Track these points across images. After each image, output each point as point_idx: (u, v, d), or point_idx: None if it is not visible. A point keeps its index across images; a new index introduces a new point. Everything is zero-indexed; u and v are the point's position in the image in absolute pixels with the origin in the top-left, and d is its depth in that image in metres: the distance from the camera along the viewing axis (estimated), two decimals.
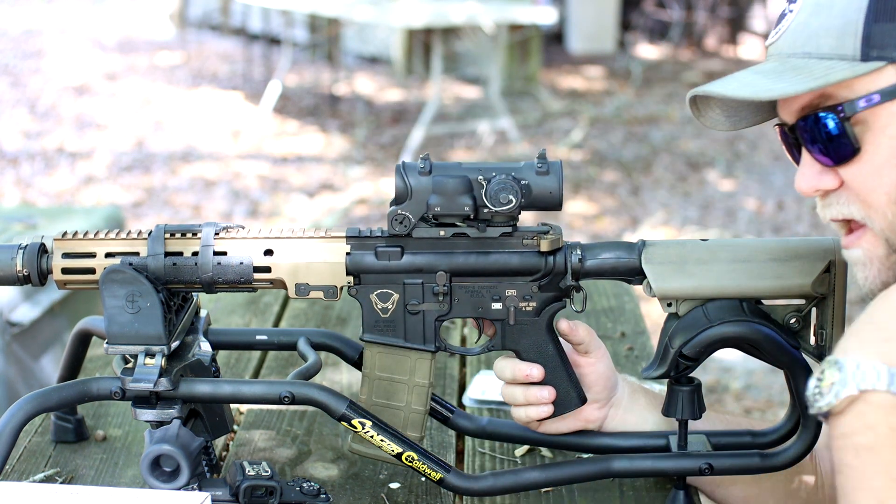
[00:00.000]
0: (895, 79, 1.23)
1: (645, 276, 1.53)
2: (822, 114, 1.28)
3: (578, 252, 1.54)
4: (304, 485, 1.55)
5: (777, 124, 1.39)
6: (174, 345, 1.52)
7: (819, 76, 1.25)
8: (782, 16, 1.34)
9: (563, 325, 1.58)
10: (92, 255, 1.52)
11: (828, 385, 1.17)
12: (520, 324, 1.56)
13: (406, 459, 1.54)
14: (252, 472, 1.51)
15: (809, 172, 1.33)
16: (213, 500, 1.46)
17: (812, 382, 1.19)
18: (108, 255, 1.52)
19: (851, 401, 1.15)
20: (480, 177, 1.49)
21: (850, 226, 1.34)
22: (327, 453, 1.75)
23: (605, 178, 7.31)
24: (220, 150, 7.89)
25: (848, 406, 1.16)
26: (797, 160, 1.37)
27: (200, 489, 1.49)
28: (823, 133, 1.28)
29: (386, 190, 6.93)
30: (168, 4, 13.32)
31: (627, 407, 1.66)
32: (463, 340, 2.24)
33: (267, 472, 1.51)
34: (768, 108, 1.42)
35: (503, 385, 1.62)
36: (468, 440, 1.79)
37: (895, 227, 1.27)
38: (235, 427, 1.83)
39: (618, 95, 9.69)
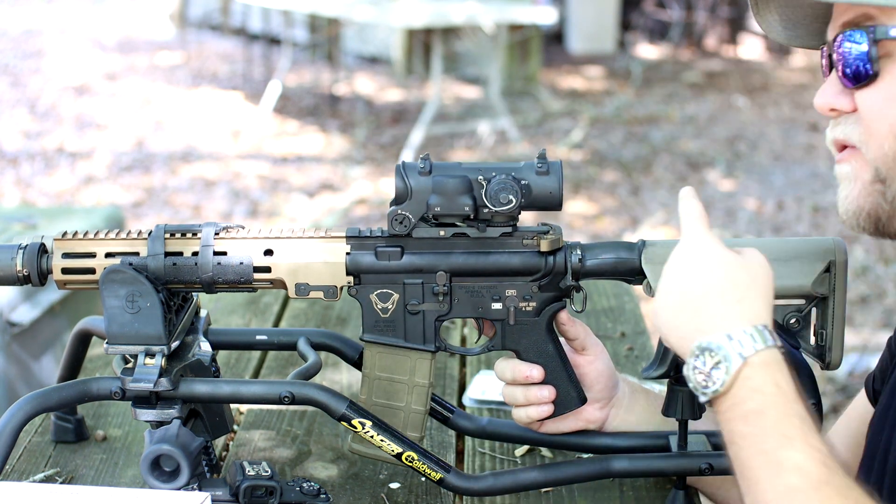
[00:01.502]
0: None
1: (645, 276, 1.53)
2: (856, 31, 1.31)
3: (578, 252, 1.54)
4: (304, 485, 1.55)
5: (822, 45, 1.42)
6: (174, 345, 1.52)
7: None
8: None
9: (562, 315, 1.58)
10: (92, 255, 1.52)
11: (708, 371, 1.23)
12: (520, 324, 1.56)
13: (406, 459, 1.54)
14: (252, 472, 1.51)
15: (830, 90, 1.36)
16: (213, 500, 1.46)
17: (691, 376, 1.25)
18: (108, 255, 1.52)
19: (738, 372, 1.22)
20: (480, 177, 1.49)
21: (847, 146, 1.37)
22: (327, 453, 1.75)
23: (605, 178, 7.31)
24: (220, 150, 7.89)
25: (733, 379, 1.22)
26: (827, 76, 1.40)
27: (200, 489, 1.48)
28: (852, 49, 1.31)
29: (386, 190, 6.93)
30: (168, 4, 13.32)
31: (628, 407, 1.66)
32: (463, 340, 2.24)
33: (267, 472, 1.51)
34: (823, 33, 1.44)
35: (503, 386, 1.62)
36: (468, 440, 1.79)
37: (888, 159, 1.30)
38: (235, 427, 1.83)
39: (618, 95, 9.69)
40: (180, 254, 1.52)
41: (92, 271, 1.52)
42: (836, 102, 1.35)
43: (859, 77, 1.31)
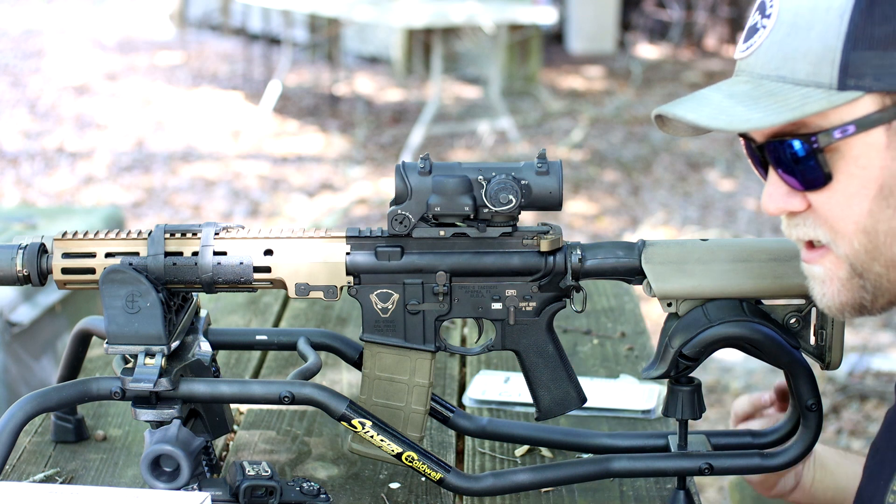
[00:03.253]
0: (871, 109, 1.19)
1: (645, 276, 1.53)
2: (794, 141, 1.24)
3: (578, 252, 1.54)
4: (304, 485, 1.55)
5: (743, 137, 1.34)
6: (174, 345, 1.52)
7: (795, 106, 1.20)
8: (753, 30, 1.29)
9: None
10: (92, 255, 1.52)
11: None
12: (520, 324, 1.56)
13: (406, 459, 1.54)
14: (252, 472, 1.51)
15: (777, 193, 1.29)
16: (213, 500, 1.46)
17: None
18: (108, 255, 1.52)
19: None
20: (480, 177, 1.49)
21: (815, 243, 1.31)
22: (327, 453, 1.75)
23: (605, 178, 7.31)
24: (220, 150, 7.89)
25: None
26: (764, 175, 1.33)
27: (200, 489, 1.49)
28: (795, 159, 1.24)
29: (386, 190, 6.93)
30: (168, 4, 13.32)
31: (821, 463, 1.70)
32: (463, 340, 2.24)
33: (267, 472, 1.52)
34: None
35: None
36: (468, 440, 1.79)
37: (860, 254, 1.24)
38: (235, 427, 1.83)
39: (618, 95, 9.69)
40: (180, 254, 1.52)
41: (92, 271, 1.52)
42: (789, 205, 1.28)
43: (813, 184, 1.24)
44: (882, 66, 1.18)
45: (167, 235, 1.52)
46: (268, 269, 1.53)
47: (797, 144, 1.23)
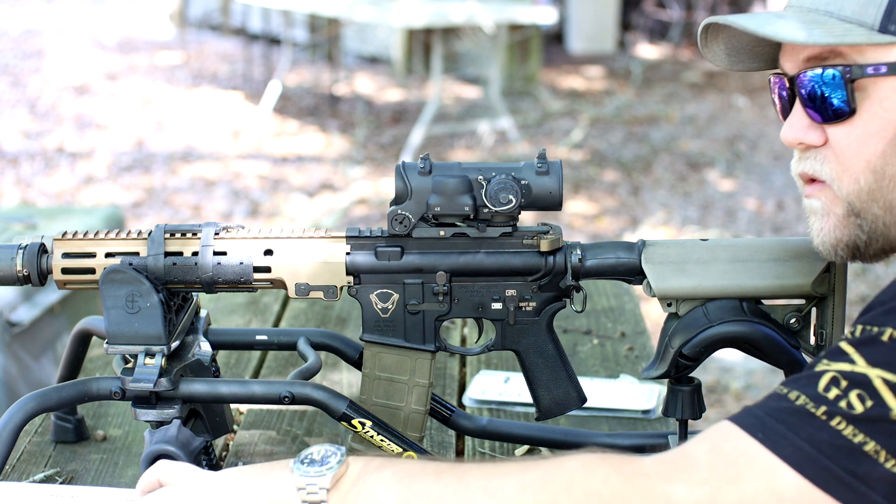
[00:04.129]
0: None
1: (645, 276, 1.53)
2: (828, 69, 1.29)
3: (578, 252, 1.54)
4: None
5: (774, 73, 1.40)
6: (174, 345, 1.52)
7: (839, 34, 1.26)
8: None
9: None
10: (92, 255, 1.52)
11: None
12: (520, 324, 1.56)
13: None
14: None
15: (798, 125, 1.34)
16: None
17: None
18: (108, 255, 1.52)
19: None
20: (480, 177, 1.49)
21: (815, 179, 1.35)
22: None
23: (605, 178, 7.31)
24: (220, 150, 7.89)
25: None
26: (785, 112, 1.38)
27: None
28: (824, 87, 1.30)
29: (386, 190, 6.92)
30: (168, 4, 13.32)
31: None
32: (463, 340, 2.24)
33: None
34: (768, 57, 1.43)
35: None
36: (468, 440, 1.79)
37: (862, 193, 1.29)
38: (235, 427, 1.83)
39: (618, 95, 9.69)
40: (180, 254, 1.52)
41: (92, 271, 1.52)
42: (807, 137, 1.33)
43: (836, 116, 1.29)
44: None
45: (167, 235, 1.52)
46: (268, 269, 1.53)
47: (831, 72, 1.29)
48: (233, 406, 1.85)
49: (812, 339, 1.54)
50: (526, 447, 1.76)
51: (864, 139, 1.28)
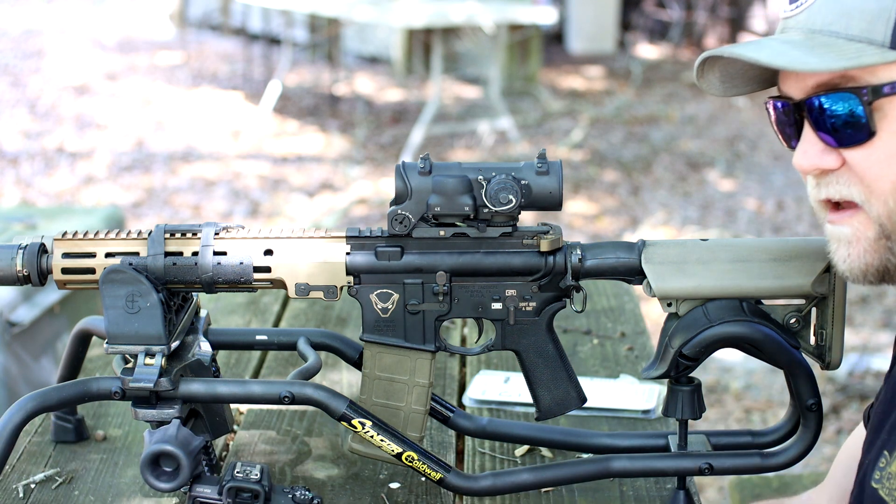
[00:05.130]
0: None
1: (645, 276, 1.53)
2: (843, 94, 1.25)
3: (578, 252, 1.54)
4: (298, 493, 1.50)
5: (774, 98, 1.35)
6: (174, 345, 1.52)
7: (852, 57, 1.22)
8: None
9: None
10: (92, 255, 1.52)
11: None
12: (520, 324, 1.56)
13: (406, 459, 1.54)
14: (240, 474, 1.48)
15: (812, 150, 1.30)
16: (199, 497, 1.46)
17: None
18: (108, 255, 1.52)
19: None
20: (480, 177, 1.49)
21: (842, 204, 1.31)
22: (327, 453, 1.75)
23: (605, 178, 7.31)
24: (220, 150, 7.89)
25: None
26: (788, 137, 1.34)
27: (194, 486, 1.48)
28: (840, 113, 1.26)
29: (386, 190, 6.92)
30: (168, 4, 13.32)
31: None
32: (463, 340, 2.24)
33: (257, 475, 1.48)
34: (762, 80, 1.39)
35: None
36: (468, 440, 1.79)
37: (894, 215, 1.26)
38: (235, 427, 1.83)
39: (618, 95, 9.69)
40: (180, 254, 1.52)
41: (92, 271, 1.52)
42: (823, 162, 1.29)
43: (854, 140, 1.25)
44: None
45: (167, 235, 1.52)
46: (268, 269, 1.53)
47: (846, 95, 1.25)
48: (233, 406, 1.85)
49: (812, 339, 1.54)
50: (526, 447, 1.76)
51: (886, 160, 1.24)
